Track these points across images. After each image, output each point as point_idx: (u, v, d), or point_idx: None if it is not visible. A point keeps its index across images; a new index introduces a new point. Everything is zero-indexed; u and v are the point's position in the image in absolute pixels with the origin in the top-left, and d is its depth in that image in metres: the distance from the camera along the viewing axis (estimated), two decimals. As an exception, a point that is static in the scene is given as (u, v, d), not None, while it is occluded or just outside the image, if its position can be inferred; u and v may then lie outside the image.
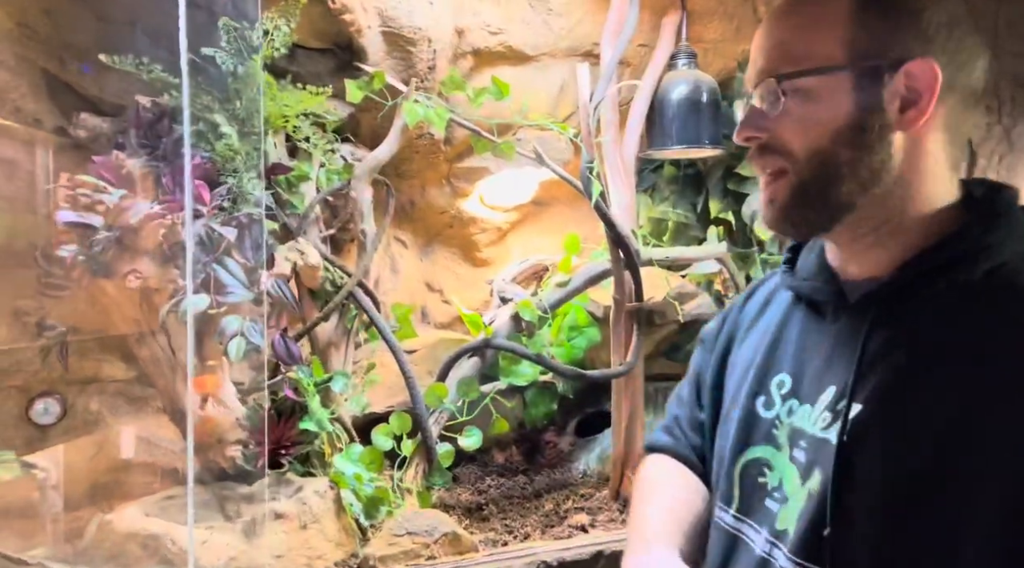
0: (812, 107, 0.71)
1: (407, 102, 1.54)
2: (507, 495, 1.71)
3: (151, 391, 1.75)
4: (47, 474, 1.63)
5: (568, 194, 2.24)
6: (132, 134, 1.40)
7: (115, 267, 1.29)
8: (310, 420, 1.51)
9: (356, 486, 1.37)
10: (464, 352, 1.56)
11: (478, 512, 1.62)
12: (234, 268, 1.35)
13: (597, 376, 1.58)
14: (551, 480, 1.81)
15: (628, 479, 1.66)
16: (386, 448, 1.43)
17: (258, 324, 1.40)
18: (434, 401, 1.49)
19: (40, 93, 1.58)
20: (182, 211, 1.26)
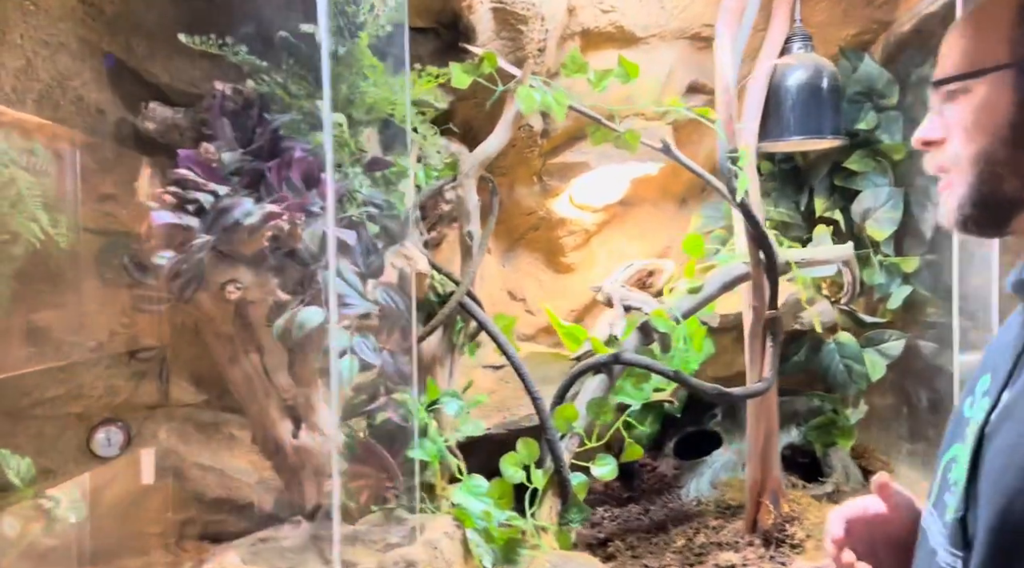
0: (977, 108, 0.73)
1: (522, 87, 1.36)
2: (626, 528, 1.53)
3: (224, 417, 1.57)
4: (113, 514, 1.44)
5: (654, 193, 2.07)
6: (223, 125, 1.21)
7: (214, 276, 1.10)
8: (420, 447, 1.32)
9: (487, 525, 1.19)
10: (588, 368, 1.38)
11: (601, 549, 1.44)
12: (350, 276, 1.17)
13: (739, 394, 1.40)
14: (667, 509, 1.63)
15: (766, 509, 1.48)
16: (517, 480, 1.24)
17: (369, 339, 1.21)
18: (563, 425, 1.31)
19: (102, 80, 1.39)
20: (299, 211, 1.07)
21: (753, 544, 1.44)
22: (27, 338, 1.21)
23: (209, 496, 1.49)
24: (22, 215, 1.22)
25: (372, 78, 1.28)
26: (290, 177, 1.14)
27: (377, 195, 1.25)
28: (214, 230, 1.08)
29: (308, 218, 1.08)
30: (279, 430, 1.30)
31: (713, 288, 1.43)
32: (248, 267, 1.16)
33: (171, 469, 1.47)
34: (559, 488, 1.27)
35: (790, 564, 1.37)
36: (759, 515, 1.48)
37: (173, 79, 1.42)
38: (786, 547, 1.43)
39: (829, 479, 1.87)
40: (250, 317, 1.23)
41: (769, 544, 1.43)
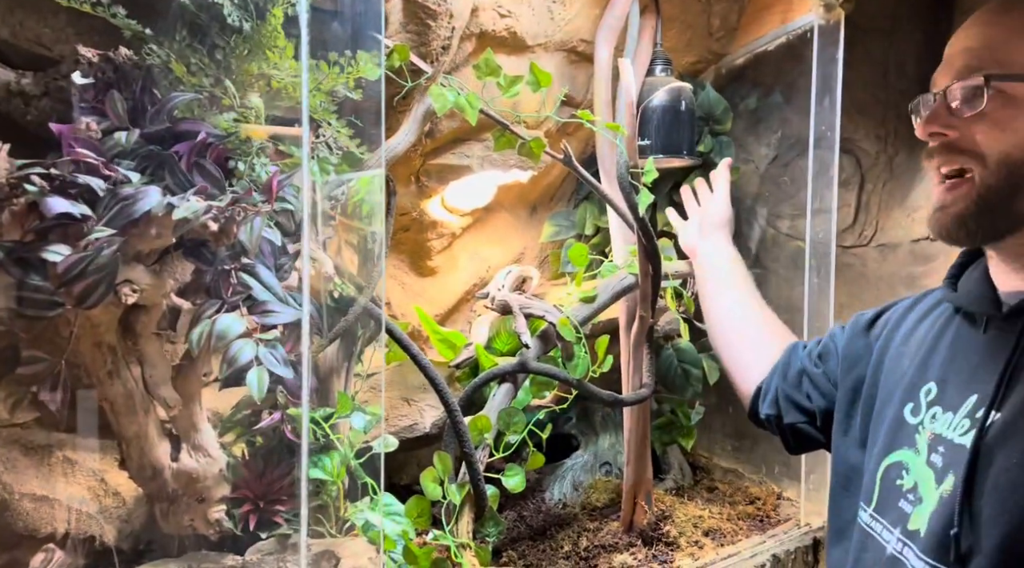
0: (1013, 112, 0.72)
1: (434, 85, 1.30)
2: (510, 536, 1.53)
3: (58, 438, 1.33)
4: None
5: (512, 200, 2.09)
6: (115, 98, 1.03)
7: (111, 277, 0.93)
8: (319, 466, 1.22)
9: (407, 546, 1.12)
10: (495, 376, 1.35)
11: (495, 560, 1.42)
12: (268, 279, 1.04)
13: (632, 400, 1.45)
14: (543, 514, 1.65)
15: (642, 509, 1.55)
16: (437, 497, 1.19)
17: (279, 350, 1.09)
18: (475, 436, 1.27)
19: (-86, 28, 1.12)
20: (239, 204, 0.94)
21: (635, 544, 1.50)
22: None
23: (43, 532, 1.26)
24: None
25: (284, 62, 1.16)
26: (203, 164, 0.99)
27: (289, 190, 1.13)
28: (115, 223, 0.91)
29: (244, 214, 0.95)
30: (158, 452, 1.14)
31: (606, 297, 1.47)
32: (147, 267, 1.00)
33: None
34: (475, 501, 1.23)
35: (671, 562, 1.45)
36: (635, 516, 1.55)
37: (15, 36, 1.18)
38: (662, 545, 1.51)
39: (668, 476, 2.01)
40: (136, 324, 1.06)
41: (648, 543, 1.51)
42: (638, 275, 1.48)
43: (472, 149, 1.68)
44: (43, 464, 1.29)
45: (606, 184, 1.63)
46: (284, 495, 1.25)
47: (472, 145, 1.69)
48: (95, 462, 1.34)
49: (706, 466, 2.16)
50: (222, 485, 1.19)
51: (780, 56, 2.01)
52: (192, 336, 0.96)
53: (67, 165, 0.94)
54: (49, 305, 0.88)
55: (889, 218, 2.18)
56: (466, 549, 1.17)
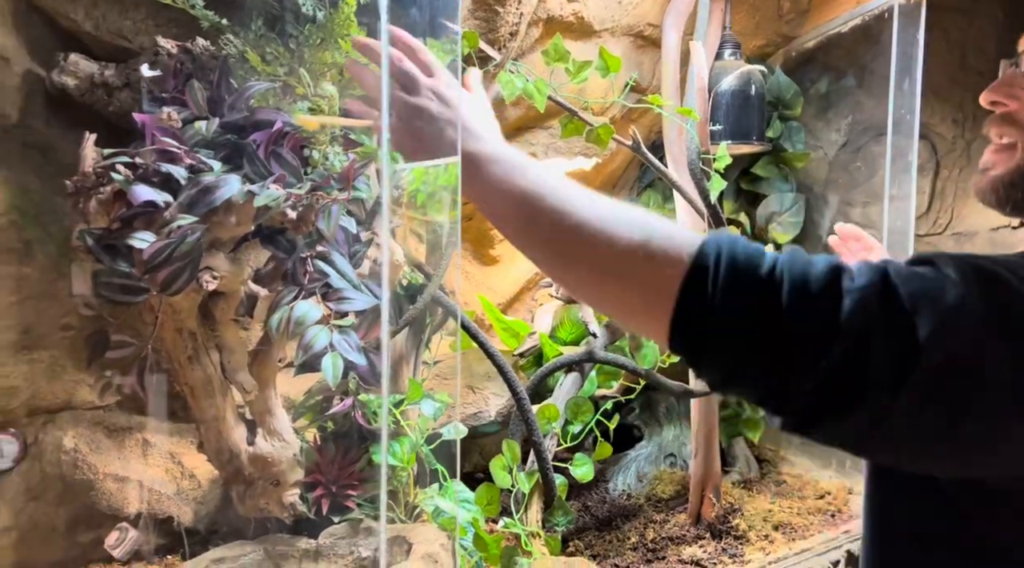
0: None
1: (503, 72, 1.29)
2: (577, 527, 1.52)
3: (136, 420, 1.37)
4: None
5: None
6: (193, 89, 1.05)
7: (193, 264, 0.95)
8: (390, 452, 1.23)
9: (478, 533, 1.12)
10: (562, 366, 1.34)
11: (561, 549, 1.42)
12: (344, 267, 1.05)
13: (701, 391, 1.43)
14: (608, 505, 1.63)
15: (709, 502, 1.53)
16: (507, 485, 1.19)
17: (351, 336, 1.10)
18: (543, 426, 1.27)
19: (7, 23, 1.16)
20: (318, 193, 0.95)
21: (703, 537, 1.48)
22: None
23: (126, 512, 1.30)
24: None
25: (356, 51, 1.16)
26: (280, 153, 1.00)
27: (361, 179, 1.14)
28: (196, 210, 0.93)
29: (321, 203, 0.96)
30: (235, 436, 1.16)
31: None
32: (226, 255, 1.01)
33: (81, 483, 1.26)
34: (544, 491, 1.23)
35: (741, 556, 1.43)
36: (703, 508, 1.53)
37: (98, 28, 1.21)
38: (731, 538, 1.49)
39: (734, 468, 1.97)
40: (215, 310, 1.08)
41: (716, 536, 1.48)
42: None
43: (537, 137, 1.66)
44: (124, 446, 1.33)
45: (673, 170, 1.60)
46: (355, 480, 1.27)
47: (537, 133, 1.68)
48: (172, 445, 1.37)
49: (772, 459, 2.11)
50: (296, 469, 1.21)
51: (855, 38, 1.94)
52: (271, 322, 0.97)
53: (150, 154, 0.96)
54: (135, 291, 0.90)
55: (966, 206, 2.09)
56: (535, 538, 1.17)
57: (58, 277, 1.16)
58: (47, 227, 1.16)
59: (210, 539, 1.32)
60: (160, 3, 1.11)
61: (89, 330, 0.98)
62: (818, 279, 0.58)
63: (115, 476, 1.30)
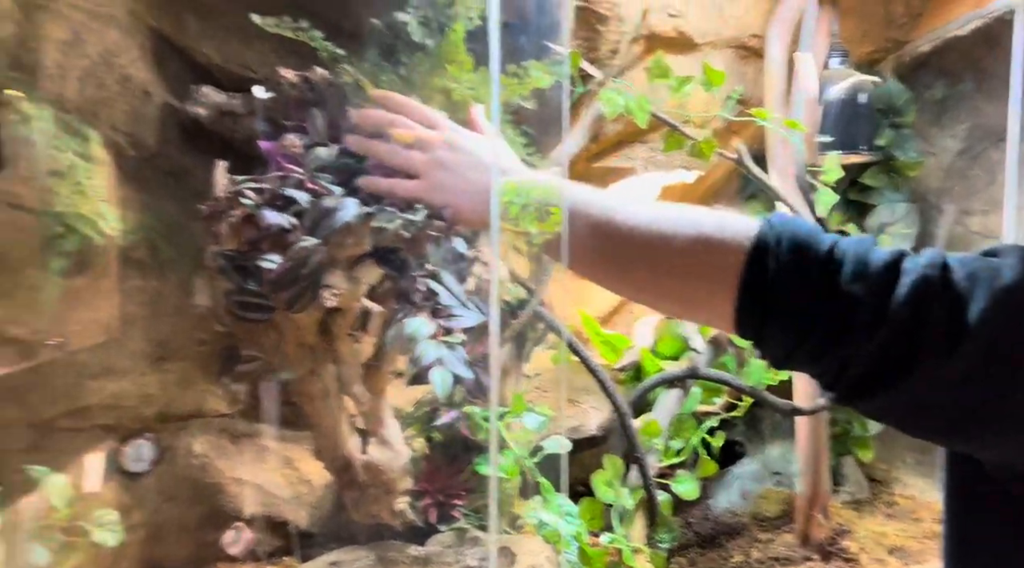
0: None
1: (605, 89, 1.31)
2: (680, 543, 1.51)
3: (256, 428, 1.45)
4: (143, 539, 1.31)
5: (674, 201, 2.06)
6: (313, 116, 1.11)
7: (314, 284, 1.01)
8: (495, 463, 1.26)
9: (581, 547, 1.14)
10: (663, 381, 1.35)
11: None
12: (452, 284, 1.09)
13: (810, 410, 1.40)
14: (710, 523, 1.62)
15: (817, 522, 1.49)
16: (610, 500, 1.20)
17: (459, 352, 1.14)
18: (645, 442, 1.27)
19: (148, 59, 1.26)
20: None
21: (812, 559, 1.44)
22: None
23: (246, 513, 1.38)
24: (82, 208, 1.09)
25: (463, 75, 1.20)
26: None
27: (468, 198, 1.18)
28: (318, 233, 0.99)
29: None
30: (349, 445, 1.21)
31: (780, 302, 1.42)
32: (344, 273, 1.07)
33: (209, 485, 1.35)
34: (647, 507, 1.23)
35: (852, 579, 1.39)
36: (811, 528, 1.49)
37: (226, 61, 1.30)
38: (841, 560, 1.45)
39: (843, 488, 1.91)
40: (333, 326, 1.14)
41: (826, 558, 1.45)
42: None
43: (636, 151, 1.67)
44: (246, 452, 1.41)
45: (777, 182, 1.57)
46: (462, 490, 1.31)
47: (636, 147, 1.69)
48: (289, 451, 1.45)
49: (884, 480, 2.04)
50: (405, 478, 1.25)
51: (973, 41, 1.86)
52: (387, 337, 1.02)
53: (274, 180, 1.03)
54: (264, 309, 0.96)
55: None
56: (639, 554, 1.18)
57: (189, 294, 1.24)
58: (181, 248, 1.25)
59: (323, 543, 1.39)
60: (282, 36, 1.18)
61: (220, 345, 1.06)
62: (880, 257, 0.59)
63: (238, 480, 1.38)
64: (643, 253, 0.67)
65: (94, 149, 1.12)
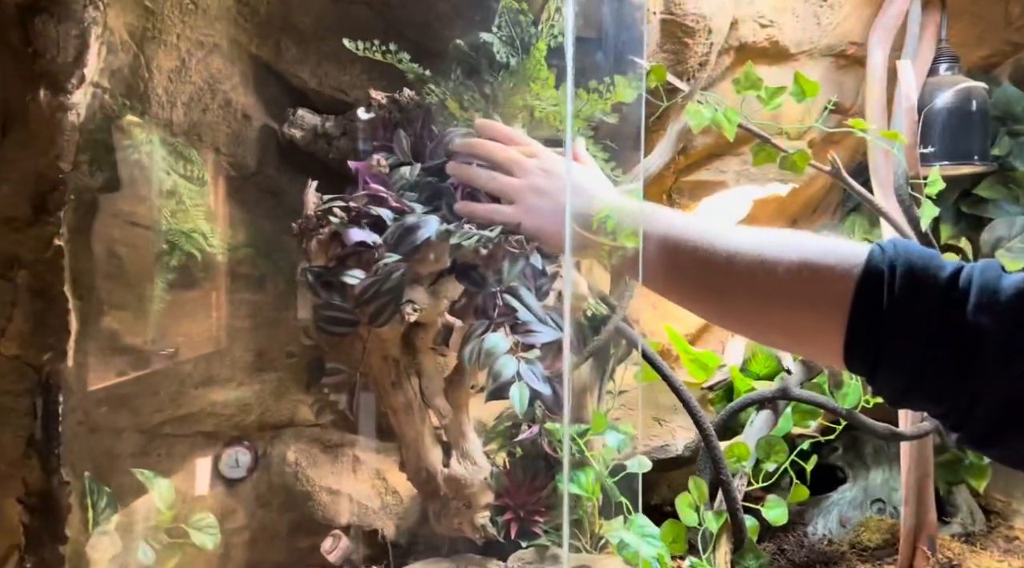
0: None
1: (691, 103, 1.29)
2: (770, 569, 1.45)
3: (349, 438, 1.50)
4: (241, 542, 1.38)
5: (769, 215, 1.99)
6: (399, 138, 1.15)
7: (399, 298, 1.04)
8: (576, 481, 1.25)
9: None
10: (753, 402, 1.31)
11: (753, 592, 1.36)
12: (529, 300, 1.10)
13: (912, 435, 1.32)
14: (805, 550, 1.55)
15: (923, 554, 1.41)
16: (693, 523, 1.17)
17: (537, 367, 1.14)
18: (732, 464, 1.24)
19: (249, 84, 1.33)
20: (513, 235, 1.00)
21: (916, 593, 1.36)
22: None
23: (338, 522, 1.42)
24: (185, 226, 1.16)
25: (545, 92, 1.21)
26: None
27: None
28: (400, 249, 1.01)
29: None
30: (432, 457, 1.23)
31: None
32: (426, 288, 1.09)
33: (301, 493, 1.40)
34: (733, 531, 1.20)
35: (960, 617, 1.30)
36: (915, 561, 1.40)
37: (321, 85, 1.35)
38: (948, 597, 1.36)
39: (954, 519, 1.79)
40: (416, 340, 1.16)
41: (930, 593, 1.36)
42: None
43: (728, 164, 1.63)
44: (336, 461, 1.46)
45: (880, 196, 1.50)
46: (543, 506, 1.30)
47: (728, 160, 1.65)
48: (378, 462, 1.48)
49: (1002, 512, 1.90)
50: (486, 492, 1.26)
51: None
52: (464, 352, 1.03)
53: (362, 198, 1.06)
54: (348, 323, 0.99)
55: None
56: (723, 579, 1.14)
57: (285, 307, 1.30)
58: (277, 262, 1.31)
59: (410, 553, 1.41)
60: (373, 60, 1.23)
61: (309, 357, 1.10)
62: (1012, 284, 0.53)
63: (328, 489, 1.42)
64: (745, 281, 0.64)
65: (197, 170, 1.19)
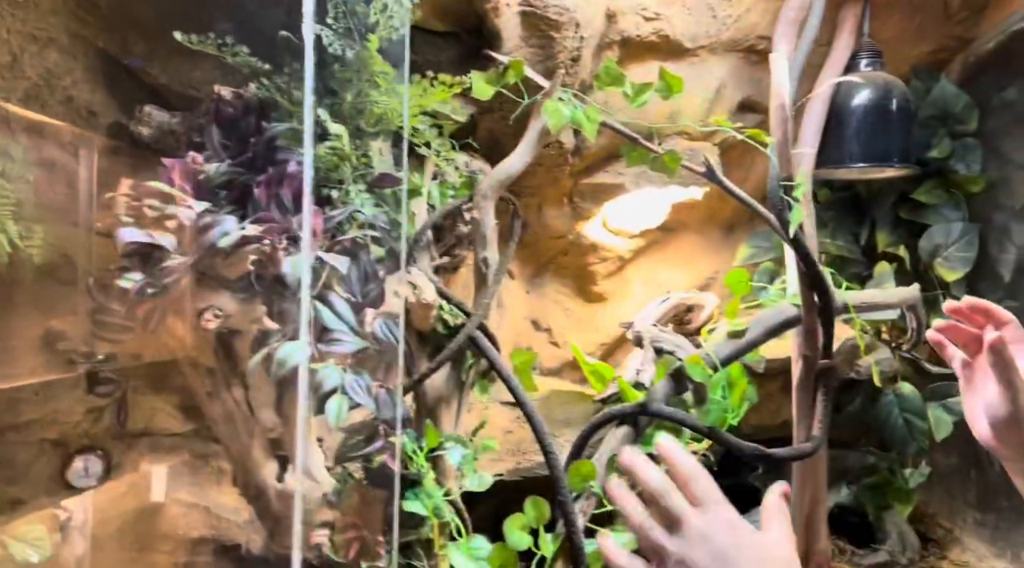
0: None
1: (549, 100, 1.21)
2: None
3: (213, 449, 1.44)
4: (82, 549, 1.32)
5: (700, 219, 1.90)
6: (213, 133, 1.09)
7: (189, 302, 0.98)
8: (416, 499, 1.18)
9: (486, 599, 1.04)
10: (610, 419, 1.22)
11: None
12: (341, 308, 1.03)
13: (782, 455, 1.22)
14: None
15: (811, 584, 1.30)
16: (522, 547, 1.09)
17: (363, 378, 1.07)
18: (579, 483, 1.15)
19: (96, 80, 1.29)
20: (283, 233, 0.94)
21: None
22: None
23: (192, 535, 1.37)
24: (-10, 224, 1.11)
25: (383, 85, 1.15)
26: (280, 194, 1.01)
27: (380, 216, 1.12)
28: (192, 251, 0.95)
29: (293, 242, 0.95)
30: (263, 472, 1.17)
31: (758, 333, 1.26)
32: (232, 293, 1.03)
33: (150, 504, 1.35)
34: (571, 557, 1.11)
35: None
36: (802, 593, 1.30)
37: (172, 81, 1.31)
38: (832, 634, 1.25)
39: (883, 546, 1.68)
40: (235, 348, 1.10)
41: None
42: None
43: (625, 166, 1.55)
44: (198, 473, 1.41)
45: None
46: (387, 525, 1.23)
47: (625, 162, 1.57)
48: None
49: (942, 540, 1.78)
50: (324, 509, 1.19)
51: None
52: (252, 362, 0.97)
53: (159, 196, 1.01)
54: (120, 329, 0.94)
55: None
56: (554, 610, 1.06)
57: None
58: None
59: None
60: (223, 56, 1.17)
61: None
62: None
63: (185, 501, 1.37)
64: None
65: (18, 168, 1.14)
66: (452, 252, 1.48)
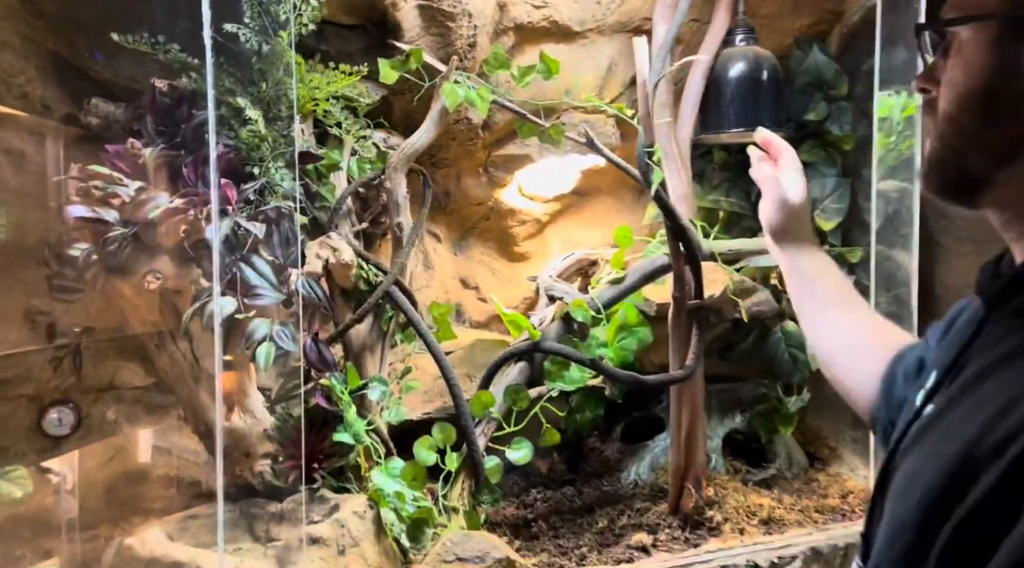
0: (956, 63, 0.61)
1: (446, 83, 1.40)
2: (555, 509, 1.58)
3: (172, 398, 1.63)
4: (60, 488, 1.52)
5: (612, 183, 2.10)
6: (148, 121, 1.27)
7: (132, 267, 1.17)
8: (345, 431, 1.38)
9: (398, 505, 1.25)
10: (510, 356, 1.43)
11: (526, 529, 1.49)
12: (262, 267, 1.22)
13: (655, 382, 1.44)
14: (600, 492, 1.68)
15: (688, 493, 1.53)
16: (429, 463, 1.30)
17: (288, 328, 1.27)
18: (480, 410, 1.36)
19: (48, 77, 1.45)
20: (206, 205, 1.13)
21: (671, 526, 1.48)
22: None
23: (155, 474, 1.57)
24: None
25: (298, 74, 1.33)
26: (205, 173, 1.19)
27: (295, 188, 1.30)
28: (130, 224, 1.14)
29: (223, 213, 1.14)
30: (211, 415, 1.37)
31: (634, 279, 1.47)
32: (171, 258, 1.22)
33: (119, 448, 1.54)
34: (472, 471, 1.32)
35: (703, 544, 1.42)
36: (681, 500, 1.52)
37: (116, 75, 1.47)
38: (704, 529, 1.48)
39: (771, 465, 1.91)
40: (180, 306, 1.29)
41: (687, 527, 1.48)
42: (671, 255, 1.46)
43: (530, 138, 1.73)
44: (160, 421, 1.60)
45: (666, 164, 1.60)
46: (322, 454, 1.44)
47: (530, 134, 1.75)
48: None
49: (827, 457, 2.02)
50: (264, 442, 1.39)
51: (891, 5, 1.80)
52: (184, 317, 1.16)
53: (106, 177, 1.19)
54: (72, 290, 1.12)
55: None
56: (456, 513, 1.27)
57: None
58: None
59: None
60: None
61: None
62: None
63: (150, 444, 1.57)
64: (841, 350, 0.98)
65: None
66: (379, 220, 1.67)
